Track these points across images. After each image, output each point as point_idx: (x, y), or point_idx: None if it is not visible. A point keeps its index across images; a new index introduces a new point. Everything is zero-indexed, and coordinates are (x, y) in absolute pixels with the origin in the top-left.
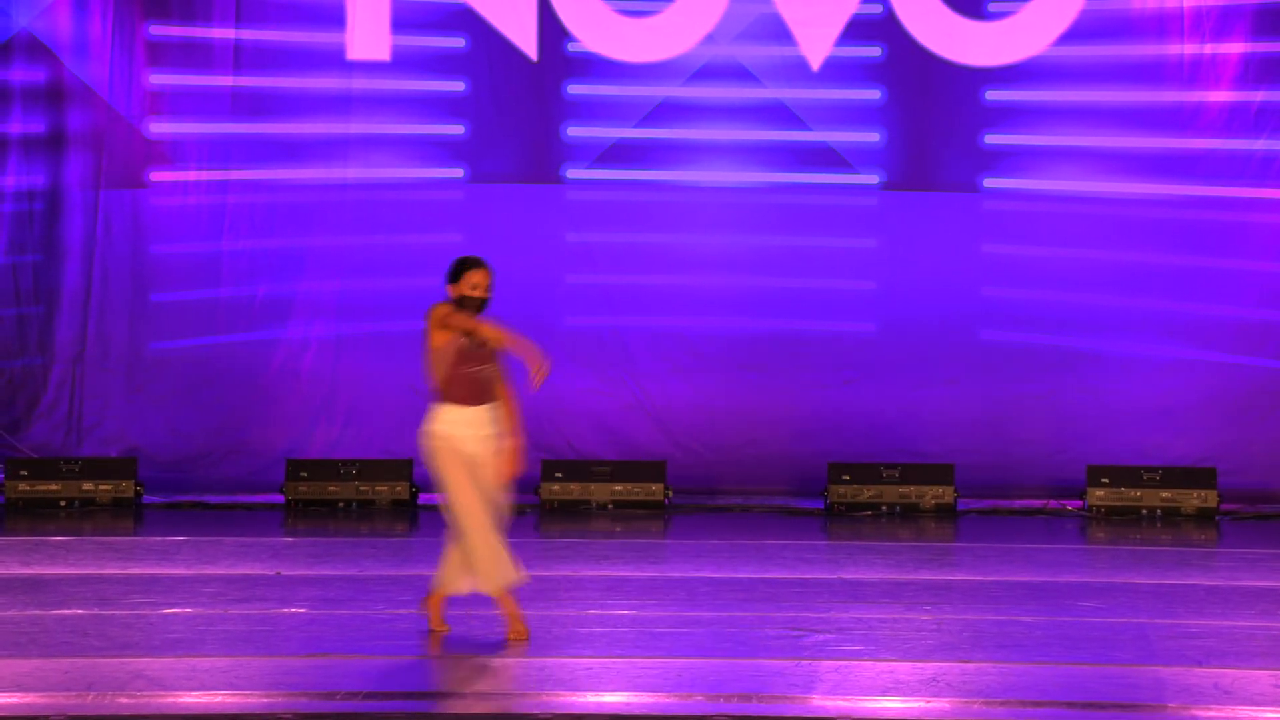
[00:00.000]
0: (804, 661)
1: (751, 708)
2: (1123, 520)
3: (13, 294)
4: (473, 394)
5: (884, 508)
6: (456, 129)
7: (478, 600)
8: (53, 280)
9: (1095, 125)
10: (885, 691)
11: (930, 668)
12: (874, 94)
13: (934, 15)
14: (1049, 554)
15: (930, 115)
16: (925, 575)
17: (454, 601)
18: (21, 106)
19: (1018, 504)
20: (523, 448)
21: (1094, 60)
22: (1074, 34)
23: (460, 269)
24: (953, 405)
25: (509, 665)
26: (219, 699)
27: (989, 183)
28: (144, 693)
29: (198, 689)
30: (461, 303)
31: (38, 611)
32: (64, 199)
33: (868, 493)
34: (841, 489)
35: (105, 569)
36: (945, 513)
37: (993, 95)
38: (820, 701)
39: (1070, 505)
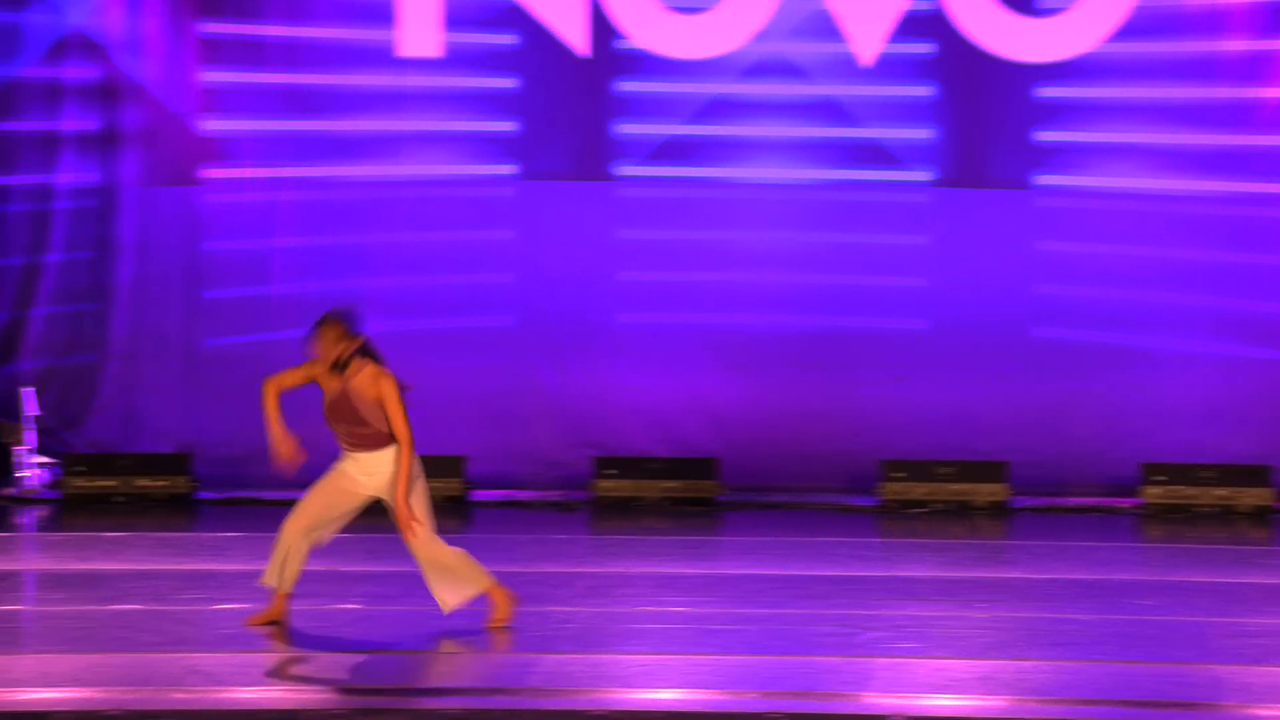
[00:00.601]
0: (857, 659)
1: (805, 705)
2: (1177, 518)
3: (68, 291)
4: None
5: (937, 505)
6: (508, 126)
7: (536, 598)
8: (107, 277)
9: (1147, 121)
10: (939, 689)
11: (984, 665)
12: (925, 90)
13: (985, 11)
14: (1103, 552)
15: (981, 112)
16: (979, 573)
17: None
18: (75, 104)
19: (1071, 501)
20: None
21: (1146, 56)
22: (1127, 30)
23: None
24: (1005, 402)
25: (563, 662)
26: (275, 693)
27: (1040, 179)
28: (199, 688)
29: (251, 684)
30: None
31: (94, 607)
32: (118, 196)
33: (921, 490)
34: (894, 486)
35: (160, 564)
36: (999, 510)
37: (1044, 92)
38: (874, 699)
39: (1124, 503)
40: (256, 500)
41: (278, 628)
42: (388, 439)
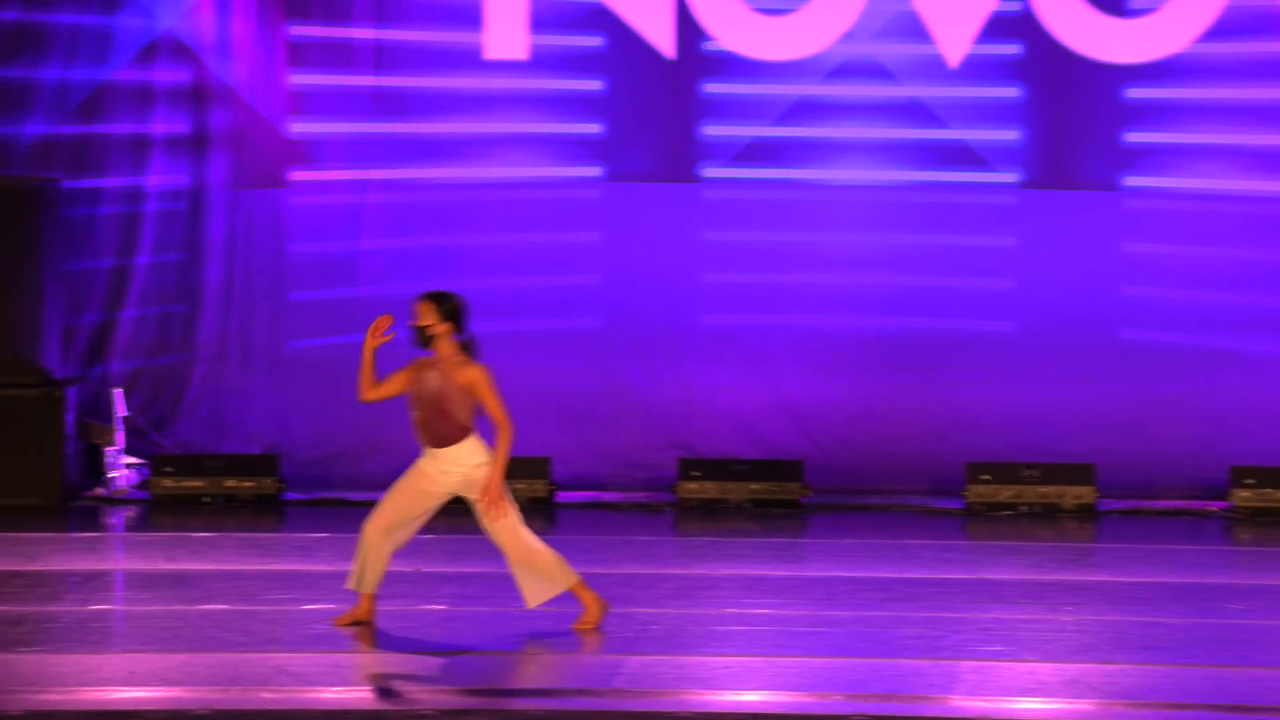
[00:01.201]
0: (943, 661)
1: (890, 707)
2: (1268, 521)
3: (156, 293)
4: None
5: (1024, 507)
6: (594, 128)
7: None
8: (195, 279)
9: (1238, 123)
10: (1026, 693)
11: (1072, 669)
12: (1013, 92)
13: (1074, 12)
14: (1193, 555)
15: (1069, 113)
16: (1066, 575)
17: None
18: (166, 107)
19: (1160, 504)
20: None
21: (1237, 57)
22: (1217, 30)
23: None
24: (1092, 404)
25: (648, 663)
26: (360, 694)
27: (1129, 181)
28: (286, 688)
29: (339, 684)
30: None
31: (182, 607)
32: (206, 198)
33: (1007, 492)
34: (981, 488)
35: (248, 565)
36: (1086, 513)
37: (1133, 93)
38: (960, 702)
39: (1213, 506)
40: (343, 501)
41: (364, 628)
42: (466, 433)
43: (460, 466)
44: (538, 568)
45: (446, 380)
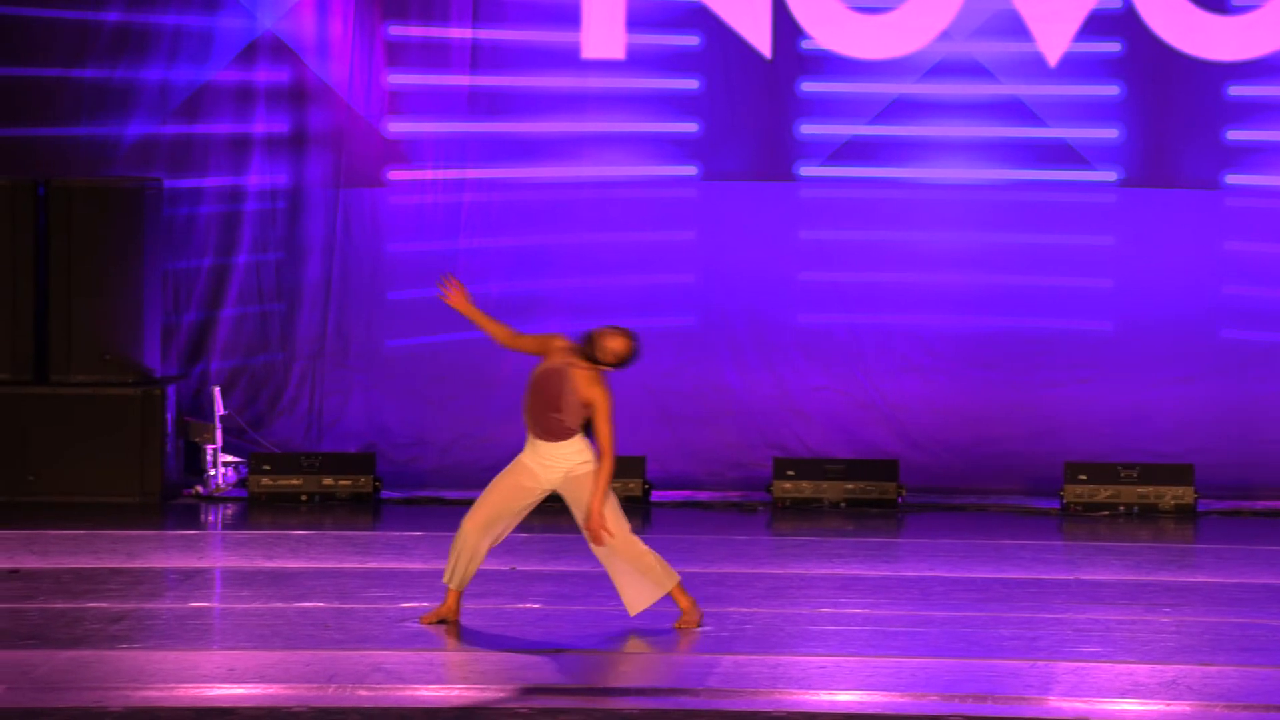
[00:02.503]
0: (1040, 662)
1: (986, 708)
2: None
3: (255, 292)
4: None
5: (1121, 508)
6: (690, 127)
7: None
8: (294, 278)
9: None
10: (1123, 694)
11: (1170, 670)
12: (1113, 90)
13: (1175, 10)
14: None
15: (1170, 111)
16: (1165, 576)
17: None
18: (265, 107)
19: (1260, 505)
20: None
21: None
22: None
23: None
24: (1192, 404)
25: (742, 663)
26: (455, 692)
27: (1231, 179)
28: (383, 685)
29: (434, 682)
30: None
31: (281, 604)
32: (305, 198)
33: (1105, 493)
34: (1078, 489)
35: (345, 563)
36: (1185, 513)
37: (1236, 90)
38: (1056, 703)
39: None
40: (438, 500)
41: (450, 626)
42: (573, 433)
43: (563, 463)
44: (646, 574)
45: (572, 384)
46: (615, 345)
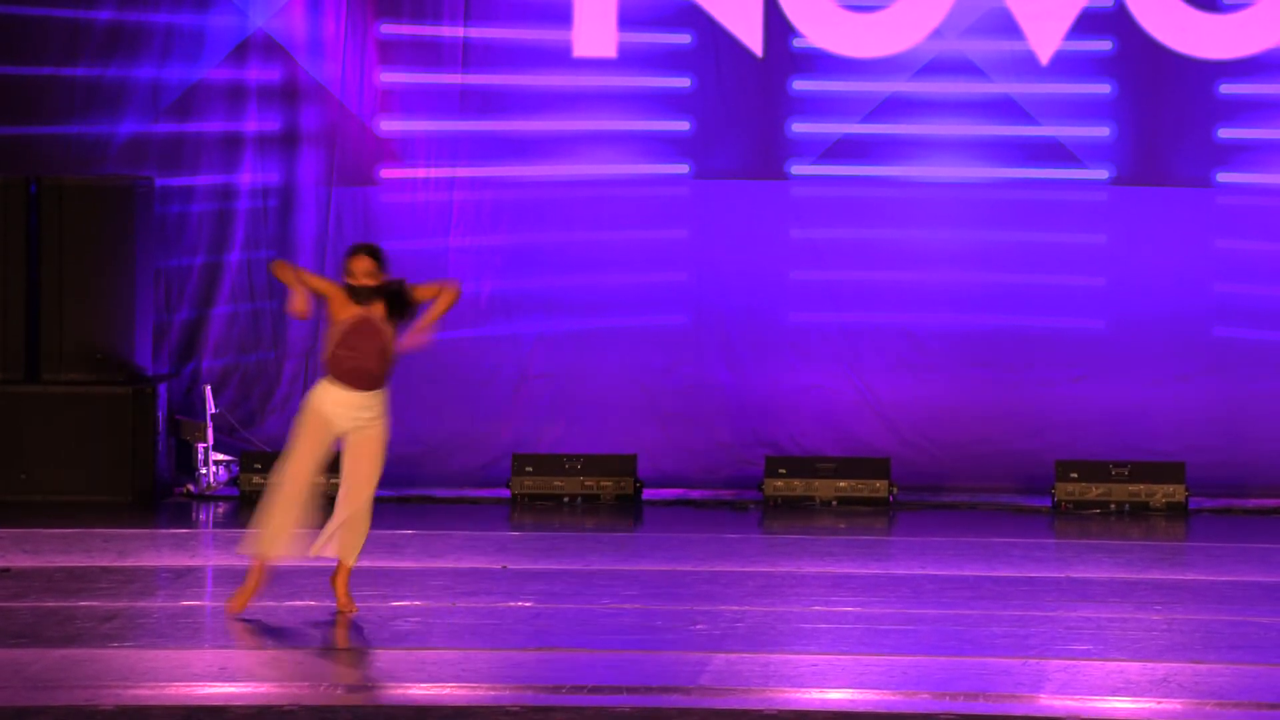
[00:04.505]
0: (1031, 660)
1: (978, 706)
2: None
3: (247, 290)
4: (353, 378)
5: (1113, 506)
6: (682, 125)
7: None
8: None
9: None
10: (1115, 692)
11: (1161, 668)
12: (1104, 88)
13: (1167, 8)
14: None
15: (1162, 109)
16: (1156, 574)
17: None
18: (257, 105)
19: (1251, 503)
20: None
21: None
22: None
23: (346, 257)
24: (1185, 403)
25: (734, 661)
26: (447, 691)
27: (1223, 177)
28: (374, 684)
29: (426, 680)
30: (352, 292)
31: (272, 603)
32: (297, 196)
33: (1096, 491)
34: (1069, 487)
35: (322, 561)
36: (1176, 511)
37: (1227, 88)
38: (1048, 701)
39: None
40: (429, 499)
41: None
42: (383, 381)
43: (364, 412)
44: (356, 535)
45: (378, 321)
46: (361, 260)
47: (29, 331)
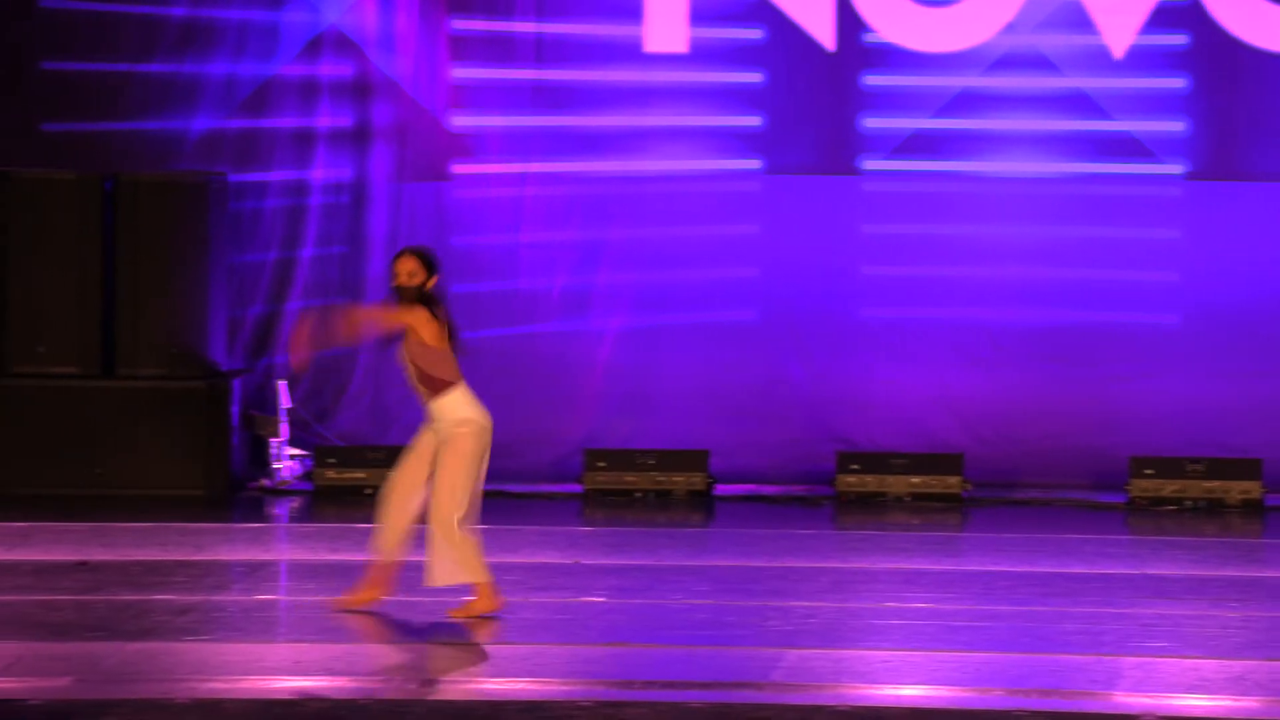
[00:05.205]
0: (1105, 657)
1: (1052, 703)
2: None
3: (320, 285)
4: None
5: (1188, 502)
6: (753, 120)
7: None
8: (358, 272)
9: None
10: (1190, 689)
11: (1237, 665)
12: (1179, 82)
13: (1241, 1)
14: None
15: (1237, 103)
16: (1232, 571)
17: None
18: (330, 101)
19: None
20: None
21: None
22: None
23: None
24: (1260, 398)
25: (806, 657)
26: (519, 685)
27: None
28: (447, 678)
29: (498, 675)
30: (396, 292)
31: (346, 598)
32: (369, 192)
33: (1171, 487)
34: (1144, 483)
35: (409, 555)
36: (1252, 508)
37: None
38: (1123, 698)
39: None
40: (502, 494)
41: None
42: (443, 385)
43: (443, 419)
44: (456, 554)
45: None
46: (404, 262)
47: (105, 327)
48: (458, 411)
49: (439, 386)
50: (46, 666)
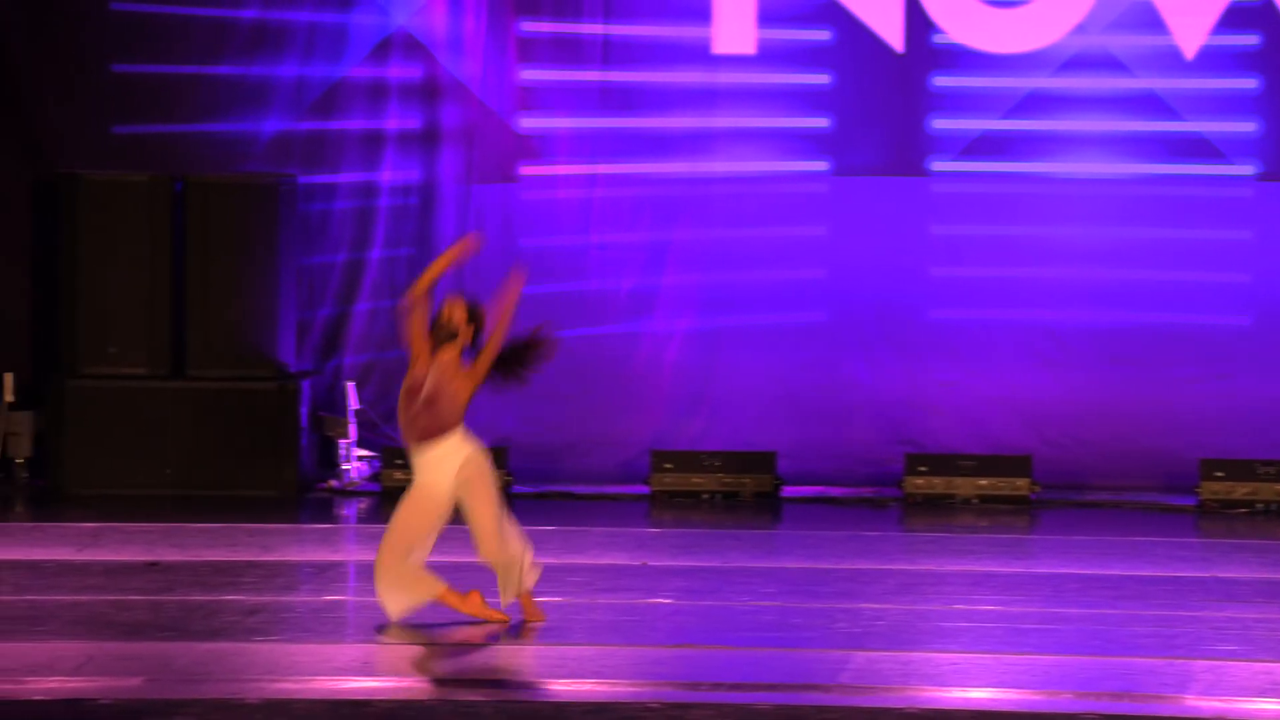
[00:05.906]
0: (1176, 661)
1: (1122, 706)
2: None
3: (388, 287)
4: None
5: (1259, 505)
6: (822, 122)
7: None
8: None
9: None
10: (1262, 693)
11: None
12: (1250, 83)
13: None
14: None
15: None
16: None
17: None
18: (398, 103)
19: None
20: None
21: None
22: None
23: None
24: None
25: (874, 659)
26: (586, 687)
27: None
28: (515, 679)
29: (566, 676)
30: (440, 329)
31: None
32: (437, 193)
33: (1242, 490)
34: (1215, 485)
35: (472, 556)
36: None
37: None
38: (1193, 701)
39: None
40: (568, 495)
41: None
42: (451, 428)
43: (447, 464)
44: (511, 571)
45: (444, 368)
46: (458, 307)
47: (175, 328)
48: (462, 448)
49: (449, 425)
50: (118, 666)
